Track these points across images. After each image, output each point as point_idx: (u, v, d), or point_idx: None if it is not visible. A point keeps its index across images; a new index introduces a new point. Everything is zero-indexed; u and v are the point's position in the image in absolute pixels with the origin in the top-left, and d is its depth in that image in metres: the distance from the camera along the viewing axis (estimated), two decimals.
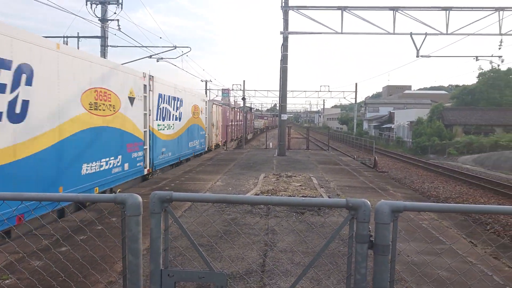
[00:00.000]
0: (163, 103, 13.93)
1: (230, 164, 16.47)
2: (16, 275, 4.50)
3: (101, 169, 9.41)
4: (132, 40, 54.53)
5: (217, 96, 72.41)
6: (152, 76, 12.76)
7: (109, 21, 20.16)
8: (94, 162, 9.02)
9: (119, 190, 10.63)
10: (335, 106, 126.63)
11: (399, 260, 5.21)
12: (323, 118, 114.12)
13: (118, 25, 20.06)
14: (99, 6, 19.74)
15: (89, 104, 8.80)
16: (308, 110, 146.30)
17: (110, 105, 9.82)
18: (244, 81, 42.17)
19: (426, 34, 20.47)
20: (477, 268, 5.02)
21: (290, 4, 20.24)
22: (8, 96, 6.22)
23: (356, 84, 57.04)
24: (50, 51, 7.39)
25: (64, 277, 4.04)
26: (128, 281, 2.41)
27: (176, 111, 15.59)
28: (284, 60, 20.59)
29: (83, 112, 8.56)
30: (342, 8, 19.96)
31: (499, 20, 19.75)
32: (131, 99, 11.08)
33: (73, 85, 8.20)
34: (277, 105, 24.74)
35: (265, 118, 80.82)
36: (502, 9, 19.66)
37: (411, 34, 20.64)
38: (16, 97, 6.43)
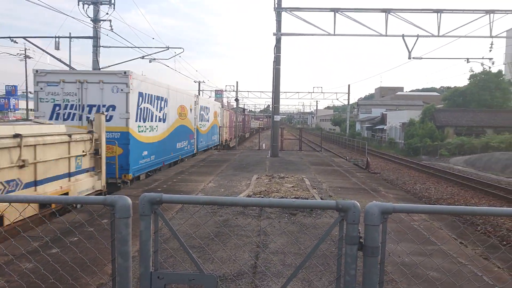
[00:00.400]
0: (202, 111, 22.05)
1: (223, 165, 16.45)
2: (5, 277, 4.46)
3: (181, 146, 17.67)
4: (124, 40, 54.33)
5: (210, 97, 72.36)
6: (197, 95, 21.34)
7: (101, 22, 20.03)
8: (179, 143, 17.33)
9: (186, 158, 18.76)
10: (328, 107, 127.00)
11: (390, 261, 5.24)
12: (316, 119, 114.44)
13: (111, 26, 19.97)
14: (91, 7, 19.62)
15: (179, 113, 16.96)
16: (301, 111, 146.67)
17: (184, 113, 17.95)
18: (237, 82, 42.20)
19: (418, 36, 20.64)
20: (467, 269, 5.05)
21: (283, 6, 20.29)
22: (162, 111, 14.65)
23: (348, 85, 57.34)
24: (170, 90, 15.55)
25: (53, 280, 4.01)
26: (118, 283, 2.40)
27: (207, 116, 23.79)
28: (277, 61, 20.62)
29: (177, 117, 16.72)
30: (335, 10, 20.05)
31: (489, 23, 19.96)
32: (190, 110, 19.12)
33: (175, 104, 16.31)
34: (270, 106, 24.85)
35: (260, 119, 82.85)
36: (493, 11, 19.86)
37: (403, 36, 20.80)
38: (164, 111, 14.86)
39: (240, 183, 11.86)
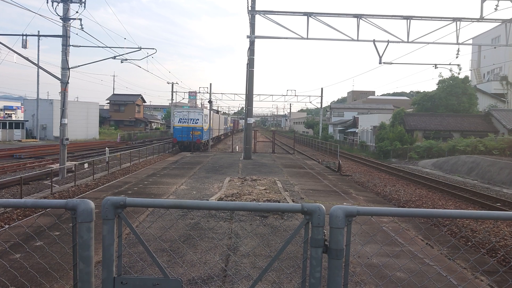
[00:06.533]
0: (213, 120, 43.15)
1: (195, 168, 16.32)
2: None
3: (210, 134, 39.08)
4: (95, 40, 53.20)
5: (183, 98, 71.47)
6: (212, 112, 46.10)
7: (71, 20, 19.54)
8: (209, 133, 37.92)
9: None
10: (301, 110, 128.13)
11: (359, 263, 5.31)
12: (290, 122, 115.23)
13: (81, 24, 19.52)
14: (61, 4, 19.10)
15: (215, 123, 43.40)
16: (275, 114, 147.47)
17: (215, 124, 44.20)
18: (210, 84, 41.98)
19: (388, 41, 21.10)
20: (433, 269, 5.18)
21: (257, 9, 20.36)
22: (206, 124, 35.22)
23: (321, 89, 58.05)
24: (211, 111, 41.60)
25: (11, 287, 3.86)
26: None
27: (226, 123, 57.81)
28: (250, 63, 20.66)
29: (212, 125, 40.77)
30: (308, 14, 20.27)
31: (456, 30, 20.63)
32: (221, 120, 51.55)
33: (218, 121, 46.61)
34: (244, 108, 24.88)
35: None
36: (459, 19, 20.53)
37: (374, 41, 21.21)
38: (208, 124, 37.04)
39: (212, 186, 11.80)
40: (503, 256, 8.26)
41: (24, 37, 21.23)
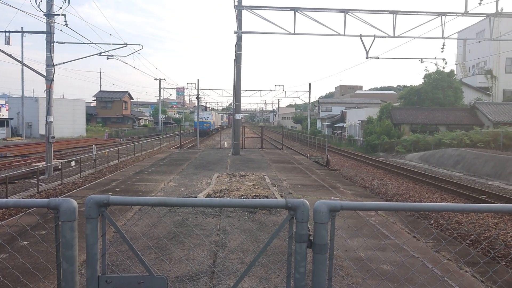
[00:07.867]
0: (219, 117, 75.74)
1: (183, 164, 16.27)
2: None
3: (214, 126, 65.17)
4: (80, 36, 52.44)
5: (171, 95, 70.99)
6: (216, 112, 79.01)
7: (55, 16, 19.22)
8: (213, 126, 63.92)
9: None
10: (290, 106, 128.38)
11: (346, 257, 5.36)
12: (278, 117, 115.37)
13: (65, 21, 19.21)
14: (44, 0, 18.77)
15: (216, 120, 69.64)
16: (264, 109, 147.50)
17: (216, 120, 70.58)
18: (198, 80, 41.72)
19: (374, 36, 21.20)
20: (418, 261, 5.25)
21: (243, 4, 20.28)
22: (212, 119, 60.80)
23: (309, 84, 58.16)
24: (214, 112, 75.31)
25: None
26: None
27: (213, 118, 67.87)
28: (238, 59, 20.60)
29: (215, 121, 66.43)
30: (295, 9, 20.26)
31: (441, 24, 20.83)
32: (219, 117, 78.53)
33: (218, 118, 72.29)
34: (232, 104, 24.84)
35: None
36: (444, 13, 20.73)
37: (360, 36, 21.30)
38: (213, 120, 62.89)
39: (200, 182, 11.77)
40: (486, 247, 8.41)
41: (7, 33, 20.87)
